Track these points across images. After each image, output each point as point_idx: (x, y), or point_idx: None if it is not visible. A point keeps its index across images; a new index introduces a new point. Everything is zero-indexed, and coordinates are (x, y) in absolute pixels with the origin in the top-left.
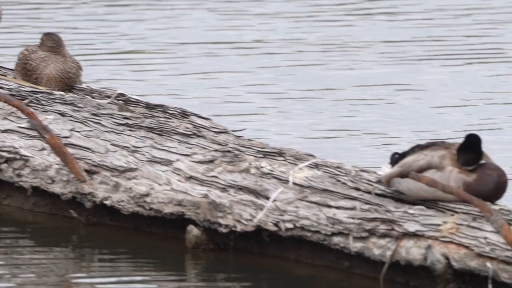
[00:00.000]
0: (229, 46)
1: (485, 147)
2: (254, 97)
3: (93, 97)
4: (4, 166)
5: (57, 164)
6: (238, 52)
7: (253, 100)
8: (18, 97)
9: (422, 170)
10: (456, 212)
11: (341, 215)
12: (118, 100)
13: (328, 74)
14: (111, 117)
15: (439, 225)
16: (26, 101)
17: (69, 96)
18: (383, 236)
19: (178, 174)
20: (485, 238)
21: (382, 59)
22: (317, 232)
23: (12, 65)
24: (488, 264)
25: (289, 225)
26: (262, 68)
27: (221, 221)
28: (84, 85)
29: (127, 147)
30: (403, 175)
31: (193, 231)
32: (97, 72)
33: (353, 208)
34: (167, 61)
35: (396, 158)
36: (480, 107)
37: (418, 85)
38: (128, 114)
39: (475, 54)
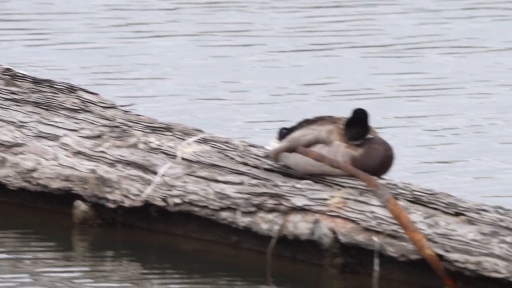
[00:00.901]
0: (110, 16)
1: (372, 122)
2: (140, 71)
3: None
4: None
5: None
6: (119, 22)
7: (139, 74)
8: None
9: (309, 144)
10: (343, 187)
11: (229, 190)
12: (4, 75)
13: (210, 45)
14: None
15: (326, 199)
16: None
17: None
18: (271, 210)
19: (66, 149)
20: (372, 212)
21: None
22: (205, 207)
23: None
24: (375, 238)
25: (177, 200)
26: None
27: (108, 196)
28: None
29: (14, 122)
30: (291, 149)
31: (81, 206)
32: None
33: (241, 183)
34: (48, 31)
35: (284, 133)
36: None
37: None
38: (14, 89)
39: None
